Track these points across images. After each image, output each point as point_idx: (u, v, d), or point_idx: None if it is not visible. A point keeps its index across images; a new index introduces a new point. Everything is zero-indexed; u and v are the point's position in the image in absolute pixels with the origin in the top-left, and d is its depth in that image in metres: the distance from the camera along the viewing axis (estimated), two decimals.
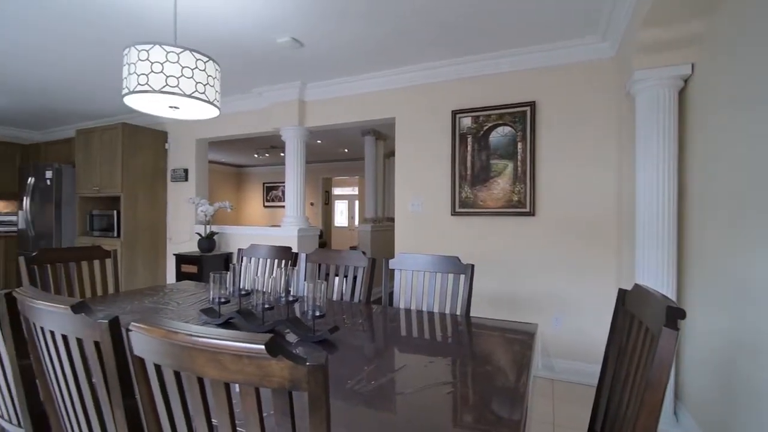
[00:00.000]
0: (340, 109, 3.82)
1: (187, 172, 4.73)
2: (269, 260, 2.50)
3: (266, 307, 1.55)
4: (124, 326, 0.76)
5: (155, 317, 1.68)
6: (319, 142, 6.81)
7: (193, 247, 4.59)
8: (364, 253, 2.21)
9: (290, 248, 2.46)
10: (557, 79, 2.97)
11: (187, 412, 0.71)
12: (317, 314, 1.43)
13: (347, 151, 7.84)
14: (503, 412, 0.95)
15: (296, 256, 2.42)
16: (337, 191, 10.84)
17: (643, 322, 1.02)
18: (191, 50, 1.61)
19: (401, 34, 2.77)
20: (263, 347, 0.56)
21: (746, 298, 1.63)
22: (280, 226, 4.07)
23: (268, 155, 8.22)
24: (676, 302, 0.91)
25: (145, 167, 4.64)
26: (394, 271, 2.15)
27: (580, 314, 2.91)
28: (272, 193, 10.10)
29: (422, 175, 3.46)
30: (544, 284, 3.01)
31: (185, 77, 1.58)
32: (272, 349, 0.56)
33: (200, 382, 0.66)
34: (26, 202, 5.02)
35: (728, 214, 1.77)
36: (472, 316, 1.82)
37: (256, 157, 8.63)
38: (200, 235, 4.25)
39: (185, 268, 4.14)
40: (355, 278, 2.18)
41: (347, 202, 11.17)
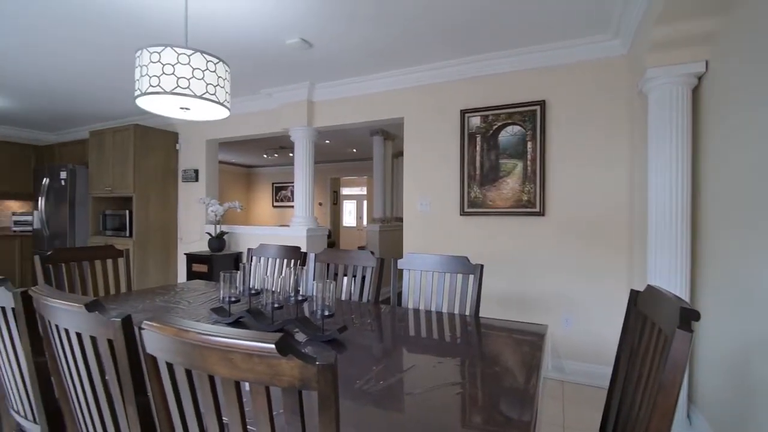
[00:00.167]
0: (348, 109, 3.83)
1: (197, 172, 4.78)
2: (278, 260, 2.51)
3: (276, 306, 1.56)
4: (136, 325, 0.77)
5: (167, 316, 1.71)
6: (327, 142, 6.84)
7: (203, 246, 4.64)
8: (372, 253, 2.21)
9: (299, 248, 2.48)
10: (568, 77, 2.94)
11: (198, 409, 0.72)
12: (326, 314, 1.44)
13: (356, 151, 7.85)
14: (513, 413, 0.95)
15: (305, 255, 2.43)
16: (345, 191, 10.87)
17: (656, 323, 1.00)
18: (202, 52, 1.62)
19: (410, 35, 2.77)
20: (273, 346, 0.56)
21: (762, 299, 1.59)
22: (289, 226, 4.09)
23: (277, 155, 8.28)
24: (689, 303, 0.89)
25: (156, 168, 4.70)
26: (402, 271, 2.14)
27: (590, 315, 2.88)
28: (281, 193, 10.16)
29: (431, 174, 3.45)
30: (554, 285, 2.99)
31: (196, 79, 1.60)
32: (282, 348, 0.57)
33: (211, 380, 0.66)
34: (41, 202, 5.12)
35: (744, 214, 1.74)
36: (481, 316, 1.81)
37: (265, 157, 8.68)
38: (210, 234, 4.30)
39: (196, 267, 4.19)
40: (363, 278, 2.18)
41: (355, 202, 11.19)
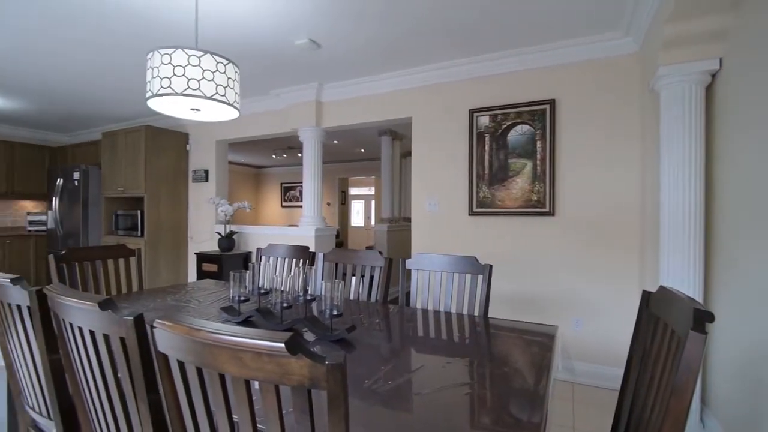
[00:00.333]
0: (356, 109, 3.84)
1: (207, 172, 4.83)
2: (287, 259, 2.53)
3: (285, 305, 1.57)
4: (148, 323, 0.78)
5: (178, 315, 1.72)
6: (335, 142, 6.86)
7: (213, 246, 4.68)
8: (380, 252, 2.21)
9: (308, 248, 2.49)
10: (578, 76, 2.91)
11: (208, 407, 0.72)
12: (335, 313, 1.44)
13: (364, 151, 7.86)
14: (522, 414, 0.94)
15: (314, 255, 2.44)
16: (353, 191, 10.89)
17: (668, 325, 0.99)
18: (212, 53, 1.64)
19: (418, 34, 2.76)
20: (283, 345, 0.57)
21: None
22: (297, 225, 4.11)
23: (285, 156, 8.32)
24: (702, 305, 0.88)
25: (167, 168, 4.75)
26: (410, 271, 2.14)
27: (601, 316, 2.85)
28: (290, 193, 10.21)
29: (439, 174, 3.44)
30: (563, 285, 2.96)
31: (206, 80, 1.61)
32: (292, 347, 0.57)
33: (222, 378, 0.67)
34: (55, 202, 5.21)
35: (760, 214, 1.70)
36: (490, 317, 1.80)
37: (274, 157, 8.74)
38: (220, 234, 4.34)
39: (206, 266, 4.23)
40: (371, 278, 2.18)
41: (363, 202, 11.21)
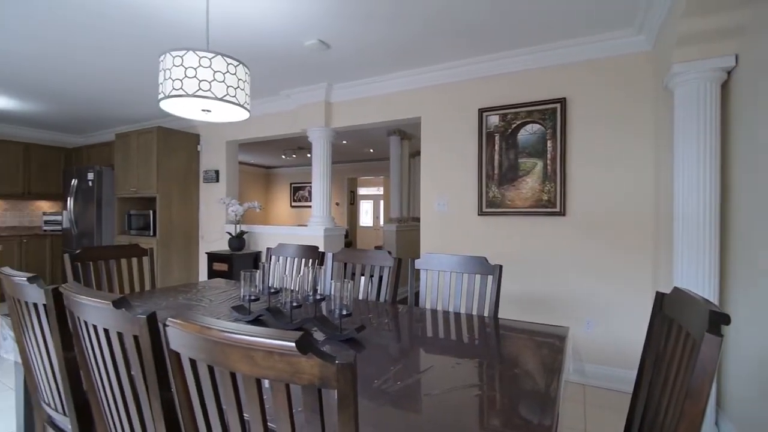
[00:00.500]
0: (365, 109, 3.84)
1: (218, 173, 4.88)
2: (297, 259, 2.54)
3: (294, 305, 1.58)
4: (160, 321, 0.79)
5: (190, 313, 1.74)
6: (344, 142, 6.87)
7: (223, 245, 4.73)
8: (389, 252, 2.21)
9: (317, 247, 2.50)
10: (589, 74, 2.88)
11: (220, 405, 0.73)
12: (344, 313, 1.45)
13: (372, 151, 7.87)
14: (533, 416, 0.93)
15: (323, 255, 2.45)
16: (362, 191, 10.90)
17: (683, 327, 0.97)
18: (223, 55, 1.65)
19: (427, 34, 2.76)
20: (294, 345, 0.57)
21: None
22: (306, 225, 4.13)
23: (295, 156, 8.37)
24: (718, 306, 0.86)
25: (178, 169, 4.81)
26: (419, 271, 2.14)
27: (613, 318, 2.81)
28: (299, 193, 10.27)
29: (448, 174, 3.43)
30: (575, 286, 2.93)
31: (217, 81, 1.63)
32: (303, 346, 0.57)
33: (233, 377, 0.68)
34: (70, 202, 5.31)
35: None
36: (500, 317, 1.79)
37: (283, 158, 8.79)
38: (231, 234, 4.38)
39: (216, 266, 4.27)
40: (380, 278, 2.18)
41: (372, 202, 11.21)
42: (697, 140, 2.10)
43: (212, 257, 4.33)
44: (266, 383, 0.64)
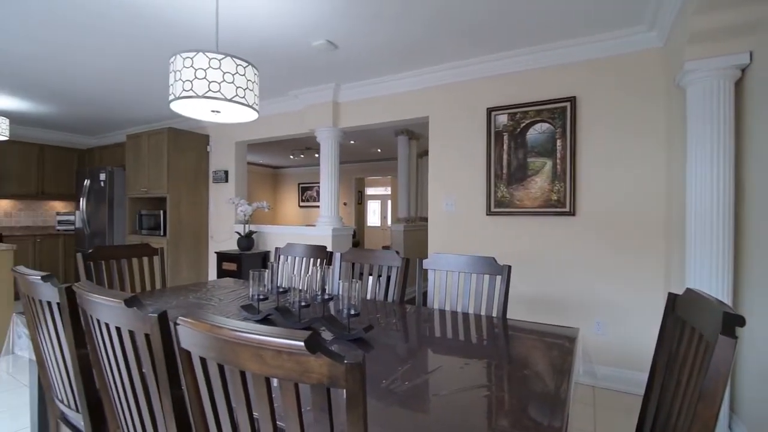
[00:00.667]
0: (373, 109, 3.84)
1: (227, 173, 4.92)
2: (305, 259, 2.55)
3: (303, 304, 1.59)
4: (171, 320, 0.79)
5: (200, 312, 1.76)
6: (352, 142, 6.88)
7: (232, 245, 4.77)
8: (397, 252, 2.21)
9: (325, 247, 2.50)
10: (599, 72, 2.85)
11: (229, 403, 0.73)
12: (352, 313, 1.45)
13: (380, 151, 7.87)
14: (542, 418, 0.93)
15: (331, 255, 2.45)
16: (370, 191, 10.91)
17: (696, 328, 0.96)
18: (232, 56, 1.66)
19: (435, 33, 2.75)
20: (302, 344, 0.57)
21: None
22: (314, 225, 4.14)
23: (303, 156, 8.41)
24: (732, 308, 0.85)
25: (188, 169, 4.86)
26: (427, 271, 2.13)
27: (624, 319, 2.78)
28: (307, 193, 10.31)
29: (456, 174, 3.42)
30: (584, 287, 2.90)
31: (226, 82, 1.64)
32: (311, 346, 0.57)
33: (242, 375, 0.68)
34: (82, 202, 5.40)
35: None
36: (508, 318, 1.77)
37: (291, 158, 8.84)
38: (239, 234, 4.41)
39: (226, 265, 4.31)
40: (388, 278, 2.18)
41: (380, 201, 11.21)
42: (710, 139, 2.06)
43: (221, 257, 4.37)
44: (275, 382, 0.64)
